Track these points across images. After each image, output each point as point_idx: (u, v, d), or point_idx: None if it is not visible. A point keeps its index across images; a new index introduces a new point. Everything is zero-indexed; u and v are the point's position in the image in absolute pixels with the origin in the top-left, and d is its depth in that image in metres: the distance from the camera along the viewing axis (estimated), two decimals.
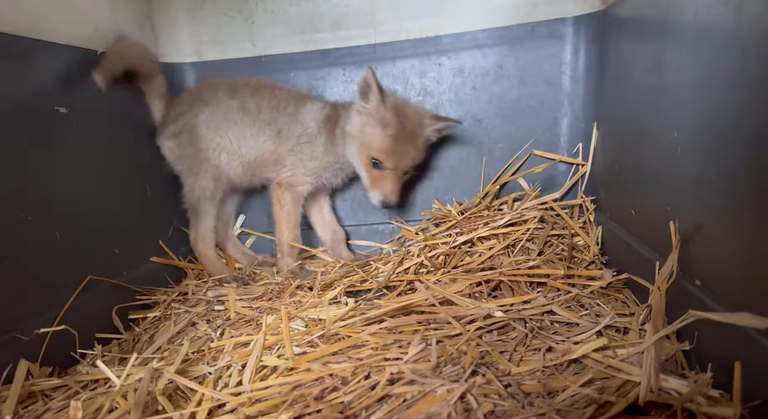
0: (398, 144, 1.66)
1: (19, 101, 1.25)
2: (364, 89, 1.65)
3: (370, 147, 1.68)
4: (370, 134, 1.67)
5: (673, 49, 1.16)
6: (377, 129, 1.65)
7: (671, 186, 1.15)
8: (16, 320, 1.18)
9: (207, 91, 1.85)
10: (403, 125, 1.65)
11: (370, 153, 1.68)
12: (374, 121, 1.65)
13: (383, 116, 1.64)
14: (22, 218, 1.22)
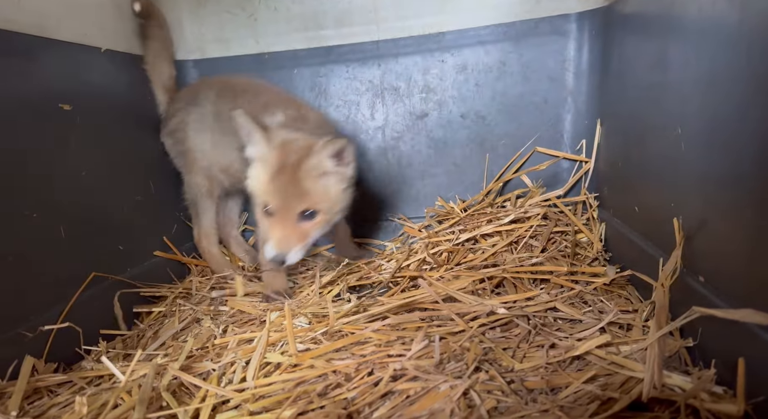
0: (280, 182, 1.40)
1: (23, 99, 1.26)
2: (245, 132, 1.45)
3: (257, 193, 1.46)
4: (255, 175, 1.46)
5: (677, 45, 1.15)
6: (259, 169, 1.45)
7: (675, 183, 1.15)
8: (21, 316, 1.18)
9: (204, 88, 1.81)
10: (286, 158, 1.41)
11: (258, 198, 1.46)
12: (260, 162, 1.45)
13: (267, 155, 1.43)
14: (26, 214, 1.23)
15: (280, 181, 1.41)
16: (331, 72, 1.97)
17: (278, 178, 1.41)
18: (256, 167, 1.46)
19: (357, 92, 1.97)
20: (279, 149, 1.43)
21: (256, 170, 1.46)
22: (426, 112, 1.95)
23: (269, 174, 1.41)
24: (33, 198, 1.25)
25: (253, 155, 1.47)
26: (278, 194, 1.42)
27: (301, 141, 1.47)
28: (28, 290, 1.22)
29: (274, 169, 1.41)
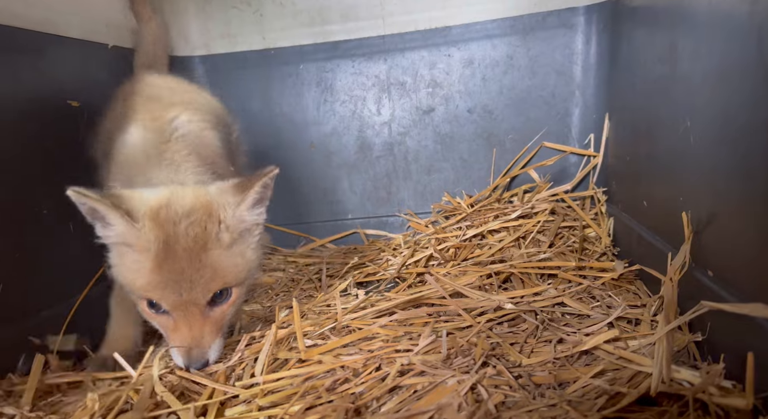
0: (170, 266, 1.01)
1: (32, 95, 1.27)
2: (90, 213, 1.04)
3: (136, 288, 1.05)
4: (127, 267, 1.05)
5: (686, 37, 1.14)
6: (134, 256, 1.03)
7: (684, 176, 1.14)
8: (32, 310, 1.19)
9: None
10: (173, 231, 1.02)
11: (140, 294, 1.06)
12: (129, 246, 1.03)
13: (137, 235, 1.01)
14: (36, 210, 1.24)
15: (171, 270, 1.01)
16: (337, 67, 1.96)
17: (166, 266, 1.01)
18: (123, 255, 1.05)
19: (363, 87, 1.97)
20: (154, 226, 1.01)
21: (122, 257, 1.05)
22: (432, 107, 1.95)
23: (150, 264, 1.01)
24: (41, 194, 1.26)
25: (109, 241, 1.06)
26: (172, 289, 1.02)
27: (184, 197, 1.05)
28: (38, 286, 1.23)
29: (157, 252, 1.01)
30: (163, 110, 1.29)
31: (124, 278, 1.06)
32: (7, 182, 1.17)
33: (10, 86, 1.21)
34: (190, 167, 1.20)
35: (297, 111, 2.02)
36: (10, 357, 1.12)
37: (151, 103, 1.31)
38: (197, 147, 1.25)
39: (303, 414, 0.92)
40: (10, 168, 1.19)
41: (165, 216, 1.02)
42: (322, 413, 0.91)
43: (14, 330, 1.15)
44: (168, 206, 1.03)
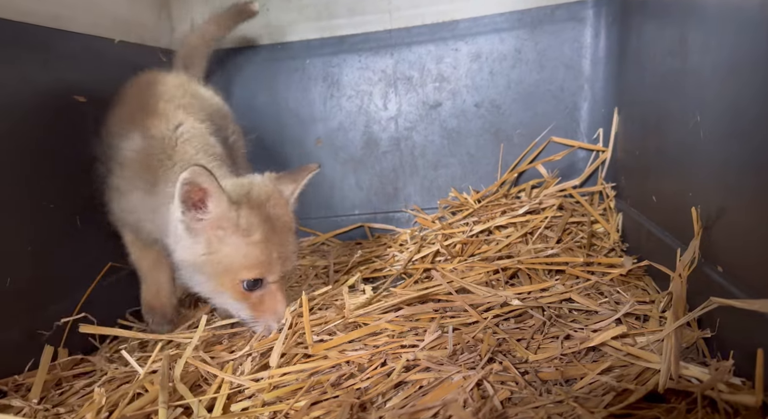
0: (276, 245, 1.15)
1: (38, 90, 1.27)
2: (192, 196, 1.08)
3: (234, 269, 1.13)
4: (228, 250, 1.12)
5: (697, 30, 1.12)
6: (235, 239, 1.11)
7: (693, 171, 1.13)
8: (40, 304, 1.20)
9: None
10: (270, 216, 1.16)
11: (238, 276, 1.14)
12: (226, 232, 1.11)
13: (237, 221, 1.11)
14: (44, 205, 1.24)
15: (275, 247, 1.15)
16: (344, 62, 1.96)
17: (271, 244, 1.14)
18: (215, 241, 1.11)
19: (370, 82, 1.96)
20: (254, 209, 1.13)
21: (219, 243, 1.12)
22: (439, 101, 1.94)
23: (258, 244, 1.12)
24: (49, 189, 1.27)
25: (196, 225, 1.11)
26: (277, 264, 1.16)
27: (253, 186, 1.19)
28: (47, 280, 1.24)
29: (264, 235, 1.13)
30: (171, 112, 1.33)
31: (223, 263, 1.12)
32: (15, 176, 1.18)
33: (18, 81, 1.21)
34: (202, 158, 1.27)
35: (303, 106, 2.01)
36: (18, 349, 1.13)
37: (159, 105, 1.34)
38: (204, 146, 1.31)
39: (308, 409, 0.91)
40: (18, 162, 1.19)
41: (256, 200, 1.16)
42: (327, 408, 0.91)
43: (22, 323, 1.15)
44: (251, 192, 1.17)
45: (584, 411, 0.79)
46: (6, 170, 1.16)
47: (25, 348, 1.14)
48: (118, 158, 1.27)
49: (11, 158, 1.17)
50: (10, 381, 1.07)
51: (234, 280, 1.14)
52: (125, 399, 0.95)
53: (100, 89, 1.46)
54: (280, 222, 1.18)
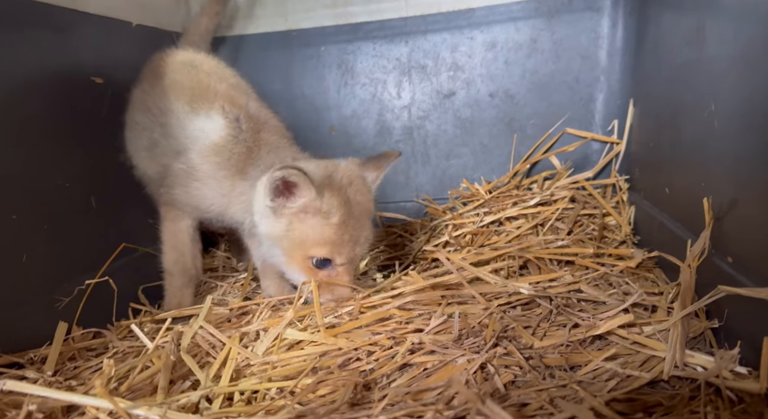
0: (350, 229, 1.21)
1: (57, 71, 1.29)
2: (282, 189, 1.17)
3: (306, 245, 1.21)
4: (306, 229, 1.20)
5: (714, 20, 1.11)
6: (315, 220, 1.19)
7: (707, 162, 1.11)
8: (54, 282, 1.23)
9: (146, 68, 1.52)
10: (350, 200, 1.22)
11: (309, 252, 1.21)
12: (308, 215, 1.19)
13: (320, 206, 1.18)
14: (59, 184, 1.27)
15: (350, 230, 1.20)
16: (358, 49, 1.96)
17: (347, 227, 1.20)
18: (303, 221, 1.19)
19: (384, 70, 1.96)
20: (334, 194, 1.19)
21: (300, 222, 1.19)
22: (453, 90, 1.93)
23: (335, 226, 1.19)
24: (65, 168, 1.29)
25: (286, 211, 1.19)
26: (349, 246, 1.22)
27: (338, 171, 1.24)
28: (61, 259, 1.26)
29: (341, 218, 1.19)
30: (237, 94, 1.39)
31: (298, 239, 1.20)
32: (33, 155, 1.20)
33: (37, 62, 1.23)
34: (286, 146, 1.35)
35: (318, 93, 2.02)
36: (33, 325, 1.15)
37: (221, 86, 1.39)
38: (278, 130, 1.40)
39: (314, 387, 0.93)
40: (35, 142, 1.21)
41: (338, 185, 1.21)
42: (332, 387, 0.92)
43: (37, 299, 1.18)
44: (333, 177, 1.22)
45: (587, 395, 0.79)
46: (23, 150, 1.18)
47: (39, 324, 1.16)
48: (195, 143, 1.29)
49: (29, 138, 1.20)
50: (26, 354, 1.10)
51: (305, 255, 1.21)
52: (135, 371, 0.96)
53: (117, 72, 1.48)
54: (360, 207, 1.23)
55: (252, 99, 1.44)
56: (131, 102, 1.46)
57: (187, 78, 1.39)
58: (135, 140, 1.44)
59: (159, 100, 1.37)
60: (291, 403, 0.86)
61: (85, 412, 0.82)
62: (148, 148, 1.39)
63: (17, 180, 1.16)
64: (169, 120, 1.33)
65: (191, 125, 1.31)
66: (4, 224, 1.12)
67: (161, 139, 1.35)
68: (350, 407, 0.84)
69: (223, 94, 1.36)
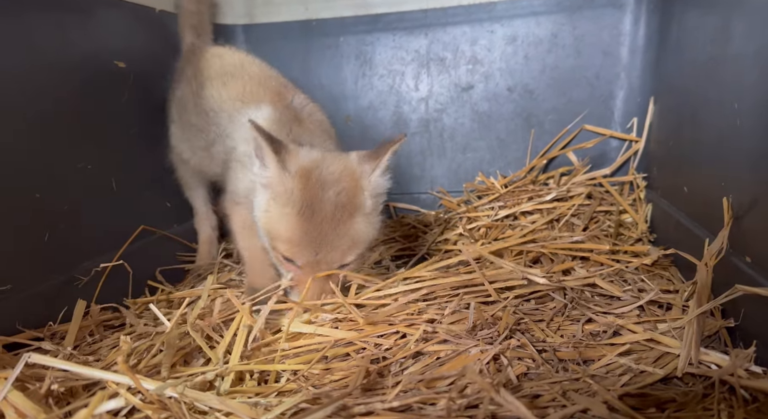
0: (312, 228, 1.06)
1: (80, 54, 1.31)
2: (257, 150, 1.10)
3: (274, 236, 1.11)
4: (273, 216, 1.10)
5: (740, 18, 1.09)
6: (279, 209, 1.08)
7: (727, 161, 1.10)
8: (74, 261, 1.25)
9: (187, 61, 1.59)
10: (321, 195, 1.07)
11: (276, 245, 1.11)
12: (276, 196, 1.09)
13: (285, 188, 1.07)
14: (80, 166, 1.28)
15: (311, 231, 1.06)
16: (377, 41, 1.95)
17: (307, 226, 1.06)
18: (269, 202, 1.11)
19: (402, 62, 1.96)
20: (303, 180, 1.07)
21: (269, 205, 1.10)
22: (472, 84, 1.92)
23: (293, 218, 1.06)
24: (87, 150, 1.31)
25: (261, 180, 1.12)
26: (308, 248, 1.07)
27: (332, 163, 1.11)
28: (81, 239, 1.28)
29: (301, 211, 1.06)
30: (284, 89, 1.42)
31: (265, 224, 1.12)
32: (56, 137, 1.22)
33: (61, 45, 1.25)
34: (307, 133, 1.30)
35: (335, 84, 2.02)
36: (53, 302, 1.18)
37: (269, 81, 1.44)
38: (321, 124, 1.39)
39: (325, 372, 0.94)
40: (59, 124, 1.23)
41: (315, 179, 1.08)
42: (345, 372, 0.93)
43: (57, 277, 1.20)
44: (319, 169, 1.09)
45: (600, 388, 0.79)
46: (47, 132, 1.20)
47: (59, 301, 1.19)
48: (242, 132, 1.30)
49: (53, 120, 1.22)
50: (46, 329, 1.12)
51: (271, 244, 1.13)
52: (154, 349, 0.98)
53: (139, 57, 1.49)
54: (330, 207, 1.07)
55: (297, 93, 1.45)
56: (179, 100, 1.53)
57: (238, 78, 1.43)
58: (190, 140, 1.51)
59: (212, 101, 1.42)
60: (305, 385, 0.87)
61: (105, 387, 0.84)
62: (206, 148, 1.44)
63: (41, 160, 1.18)
64: (223, 119, 1.38)
65: (241, 118, 1.31)
66: (28, 203, 1.14)
67: (216, 137, 1.39)
68: (363, 392, 0.85)
69: (272, 89, 1.39)
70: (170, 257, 1.55)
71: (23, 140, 1.14)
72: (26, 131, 1.15)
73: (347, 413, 0.77)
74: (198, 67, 1.52)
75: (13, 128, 1.12)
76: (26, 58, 1.15)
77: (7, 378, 0.77)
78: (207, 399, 0.81)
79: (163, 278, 1.52)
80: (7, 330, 1.05)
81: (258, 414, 0.78)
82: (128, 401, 0.77)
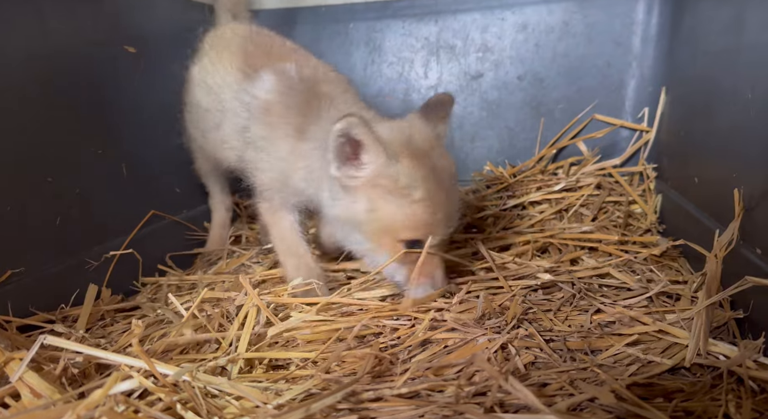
0: (441, 203, 1.02)
1: (91, 40, 1.31)
2: (345, 148, 0.99)
3: (394, 229, 1.03)
4: (391, 210, 1.01)
5: (756, 7, 1.08)
6: (399, 200, 1.00)
7: (739, 152, 1.10)
8: (85, 245, 1.26)
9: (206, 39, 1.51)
10: (434, 168, 1.01)
11: (398, 236, 1.04)
12: (391, 190, 1.00)
13: (400, 177, 0.99)
14: (92, 150, 1.29)
15: (440, 205, 1.01)
16: (387, 28, 1.94)
17: (436, 202, 1.00)
18: (377, 200, 1.01)
19: (412, 49, 1.95)
20: (412, 161, 0.99)
21: (380, 203, 1.01)
22: (481, 72, 1.91)
23: (424, 201, 0.99)
24: (99, 135, 1.32)
25: (352, 182, 1.01)
26: (443, 223, 1.03)
27: (416, 132, 1.04)
28: (92, 223, 1.29)
29: (429, 191, 0.99)
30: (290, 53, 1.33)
31: (384, 222, 1.02)
32: (67, 121, 1.23)
33: (71, 30, 1.25)
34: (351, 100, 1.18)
35: (344, 71, 1.97)
36: (65, 285, 1.19)
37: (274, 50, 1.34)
38: (342, 82, 1.26)
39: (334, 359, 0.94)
40: (70, 108, 1.24)
41: (420, 154, 0.99)
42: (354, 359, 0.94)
43: (69, 261, 1.22)
44: (413, 140, 1.01)
45: (608, 378, 0.80)
46: (59, 115, 1.21)
47: (71, 285, 1.20)
48: (250, 110, 1.19)
49: (64, 103, 1.22)
50: (58, 312, 1.14)
51: (393, 240, 1.04)
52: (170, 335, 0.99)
53: (150, 42, 1.49)
54: (446, 174, 1.02)
55: (309, 56, 1.34)
56: (189, 82, 1.48)
57: (240, 48, 1.34)
58: (199, 123, 1.43)
59: (218, 77, 1.33)
60: (316, 372, 0.88)
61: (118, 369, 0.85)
62: (215, 129, 1.33)
63: (53, 145, 1.19)
64: (226, 96, 1.28)
65: (244, 92, 1.21)
66: (40, 187, 1.15)
67: (223, 118, 1.29)
68: (372, 379, 0.86)
69: (276, 54, 1.28)
70: (180, 243, 1.56)
71: (35, 125, 1.15)
72: (38, 116, 1.15)
73: (356, 399, 0.77)
74: (206, 43, 1.47)
75: (25, 113, 1.12)
76: (38, 44, 1.15)
77: (23, 359, 0.78)
78: (218, 382, 0.82)
79: (173, 264, 1.53)
80: (20, 312, 1.07)
81: (269, 399, 0.79)
82: (141, 383, 0.78)
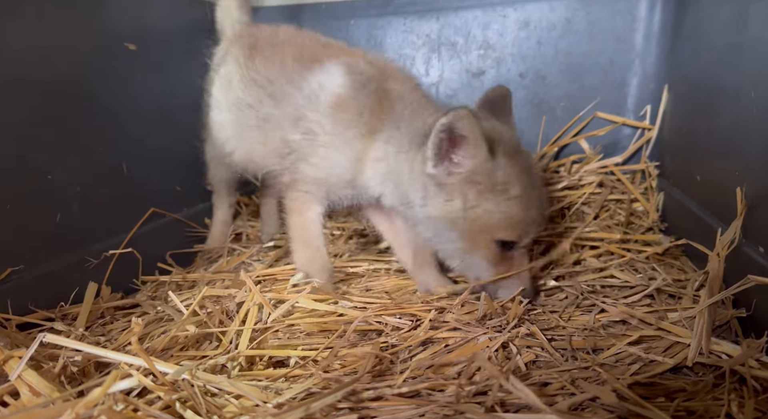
0: (534, 201, 1.02)
1: (91, 36, 1.30)
2: (444, 145, 0.97)
3: (490, 228, 1.02)
4: (489, 208, 1.00)
5: (759, 3, 1.07)
6: (498, 197, 0.99)
7: (742, 150, 1.09)
8: (85, 242, 1.26)
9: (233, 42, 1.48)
10: (526, 166, 1.02)
11: (494, 236, 1.03)
12: (491, 187, 0.99)
13: (498, 175, 0.98)
14: (92, 148, 1.29)
15: (535, 202, 1.01)
16: (388, 24, 1.93)
17: (533, 199, 1.00)
18: (476, 197, 1.00)
19: (413, 46, 1.94)
20: (510, 158, 0.98)
21: (478, 200, 1.00)
22: (483, 69, 1.90)
23: (522, 199, 0.99)
24: (99, 133, 1.31)
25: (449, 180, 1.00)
26: (536, 223, 1.03)
27: (500, 130, 1.04)
28: (92, 220, 1.29)
29: (525, 189, 0.99)
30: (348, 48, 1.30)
31: (481, 221, 1.00)
32: (67, 118, 1.22)
33: (72, 26, 1.24)
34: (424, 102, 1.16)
35: None
36: (64, 283, 1.19)
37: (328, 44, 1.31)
38: (408, 79, 1.22)
39: (334, 358, 0.94)
40: (71, 105, 1.23)
41: (511, 151, 0.99)
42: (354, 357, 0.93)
43: (68, 258, 1.21)
44: (502, 139, 1.00)
45: (609, 377, 0.80)
46: (60, 113, 1.20)
47: (70, 282, 1.20)
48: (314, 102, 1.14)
49: (65, 101, 1.22)
50: (57, 309, 1.13)
51: (488, 240, 1.02)
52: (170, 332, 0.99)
53: (150, 39, 1.48)
54: (536, 173, 1.03)
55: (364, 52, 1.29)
56: (219, 83, 1.42)
57: (289, 43, 1.29)
58: (236, 122, 1.34)
59: (264, 70, 1.26)
60: (316, 370, 0.87)
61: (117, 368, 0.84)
62: (258, 126, 1.26)
63: (53, 142, 1.19)
64: (280, 87, 1.22)
65: (306, 83, 1.16)
66: (40, 184, 1.15)
67: (273, 111, 1.22)
68: (373, 378, 0.85)
69: (335, 47, 1.24)
70: (180, 241, 1.56)
71: (36, 122, 1.14)
72: (39, 113, 1.15)
73: (357, 398, 0.77)
74: (241, 42, 1.41)
75: (26, 110, 1.12)
76: (39, 40, 1.15)
77: (22, 357, 0.77)
78: (218, 381, 0.82)
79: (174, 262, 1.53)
80: (19, 309, 1.07)
81: (268, 398, 0.79)
82: (140, 382, 0.78)
